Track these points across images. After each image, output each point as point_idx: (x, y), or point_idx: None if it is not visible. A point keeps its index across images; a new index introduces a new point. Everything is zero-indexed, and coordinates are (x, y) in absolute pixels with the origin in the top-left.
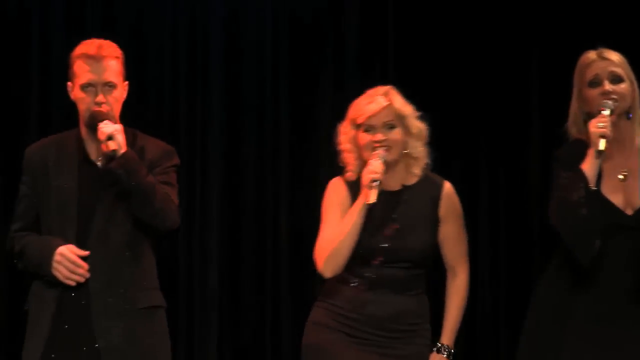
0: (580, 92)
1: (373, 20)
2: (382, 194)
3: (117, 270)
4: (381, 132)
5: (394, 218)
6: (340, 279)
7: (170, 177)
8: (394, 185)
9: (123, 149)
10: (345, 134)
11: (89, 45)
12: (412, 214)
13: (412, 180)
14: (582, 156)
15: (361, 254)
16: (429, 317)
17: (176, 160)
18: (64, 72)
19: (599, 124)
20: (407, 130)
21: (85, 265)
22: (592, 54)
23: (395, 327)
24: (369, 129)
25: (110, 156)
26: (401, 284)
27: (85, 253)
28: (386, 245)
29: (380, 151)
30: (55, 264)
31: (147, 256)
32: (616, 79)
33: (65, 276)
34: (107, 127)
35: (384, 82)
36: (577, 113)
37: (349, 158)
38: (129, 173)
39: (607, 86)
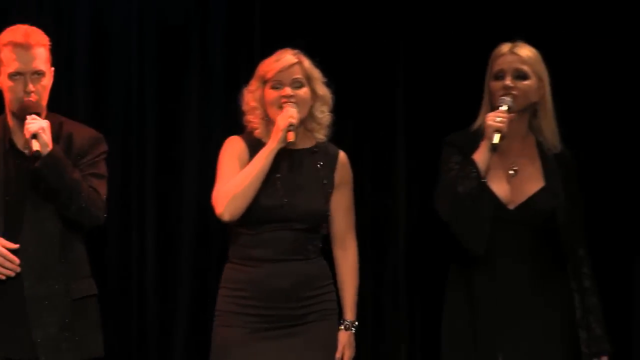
0: (488, 82)
1: (239, 27)
2: (284, 153)
3: (49, 262)
4: (290, 87)
5: (293, 178)
6: (237, 256)
7: (99, 168)
8: (295, 145)
9: (49, 148)
10: (251, 93)
11: (15, 33)
12: (309, 176)
13: (311, 144)
14: (476, 144)
15: (257, 214)
16: (332, 285)
17: (104, 148)
18: None
19: (497, 118)
20: (314, 92)
21: (15, 259)
22: (505, 47)
23: (302, 294)
24: (277, 85)
25: (35, 156)
26: (298, 248)
27: (15, 246)
28: (281, 204)
29: (290, 106)
30: None
31: (78, 246)
32: (520, 76)
33: None
34: (32, 125)
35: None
36: (486, 103)
37: (254, 117)
38: (53, 173)
39: (508, 81)
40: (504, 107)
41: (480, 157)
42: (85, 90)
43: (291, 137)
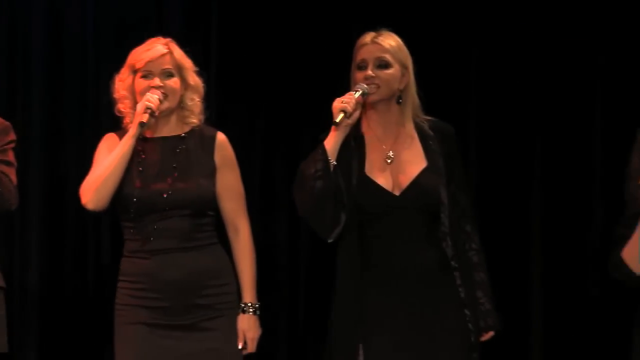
0: (352, 72)
1: (196, 28)
2: (156, 141)
3: None
4: (159, 78)
5: (170, 165)
6: (128, 249)
7: (8, 155)
8: (168, 133)
9: None
10: (121, 81)
11: None
12: (189, 161)
13: (186, 129)
14: (346, 137)
15: (134, 205)
16: (231, 271)
17: (13, 136)
18: None
19: (343, 100)
20: (184, 81)
21: None
22: (367, 37)
23: (198, 287)
24: (146, 74)
25: None
26: (187, 237)
27: None
28: (165, 192)
29: (152, 92)
30: None
31: None
32: (382, 65)
33: None
34: None
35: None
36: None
37: (124, 106)
38: None
39: (370, 71)
40: (357, 94)
41: (329, 141)
42: (40, 90)
43: (145, 118)
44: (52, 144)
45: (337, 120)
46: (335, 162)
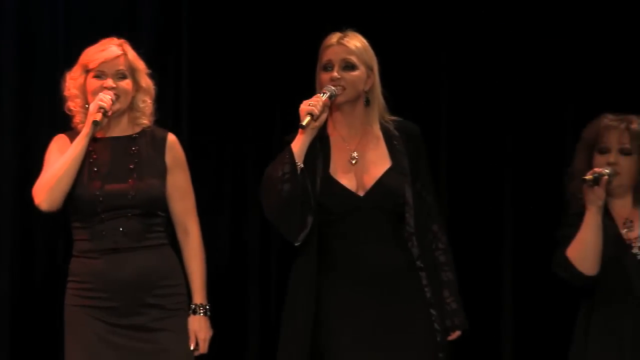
0: (317, 73)
1: (167, 32)
2: (107, 142)
3: None
4: (112, 79)
5: (126, 166)
6: (78, 249)
7: None
8: (119, 134)
9: None
10: (73, 80)
11: None
12: (141, 161)
13: (137, 130)
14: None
15: (84, 205)
16: (180, 272)
17: None
18: None
19: (310, 103)
20: (136, 83)
21: None
22: (333, 38)
23: (147, 287)
24: (99, 75)
25: None
26: (136, 237)
27: None
28: (128, 193)
29: (104, 92)
30: None
31: None
32: (348, 66)
33: None
34: None
35: (177, 83)
36: (317, 92)
37: (75, 105)
38: None
39: (336, 73)
40: (325, 95)
41: (297, 143)
42: (11, 98)
43: (98, 117)
44: (21, 145)
45: (304, 123)
46: (302, 165)
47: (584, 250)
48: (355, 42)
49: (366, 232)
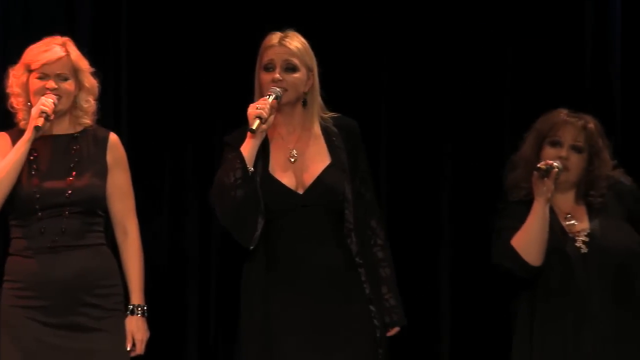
0: (258, 73)
1: (105, 29)
2: (48, 140)
3: None
4: (54, 80)
5: (67, 164)
6: (17, 248)
7: None
8: (60, 132)
9: None
10: (16, 78)
11: None
12: (82, 160)
13: (79, 129)
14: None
15: (22, 203)
16: (118, 273)
17: None
18: None
19: (257, 106)
20: (79, 83)
21: None
22: (274, 38)
23: (84, 287)
24: (42, 76)
25: None
26: (77, 234)
27: None
28: (65, 192)
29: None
30: None
31: None
32: (290, 68)
33: None
34: None
35: (117, 83)
36: (257, 93)
37: (17, 102)
38: None
39: (278, 74)
40: (270, 98)
41: (246, 147)
42: None
43: (40, 122)
44: None
45: (254, 127)
46: (253, 169)
47: (530, 240)
48: (297, 43)
49: (305, 229)
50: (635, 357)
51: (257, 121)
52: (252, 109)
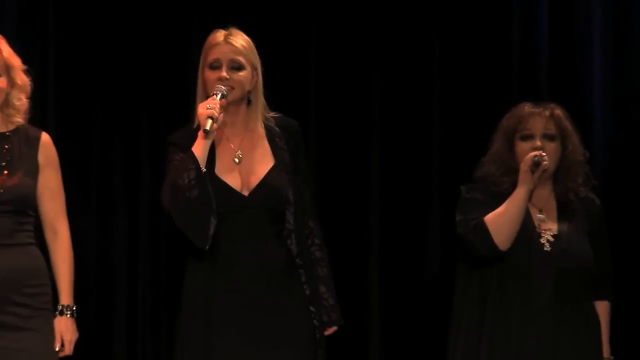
0: (202, 71)
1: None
2: None
3: None
4: None
5: None
6: None
7: None
8: None
9: None
10: None
11: None
12: (13, 159)
13: (10, 128)
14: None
15: None
16: (47, 273)
17: None
18: None
19: (208, 106)
20: (11, 81)
21: None
22: (219, 36)
23: (12, 289)
24: None
25: None
26: (6, 234)
27: None
28: None
29: None
30: None
31: None
32: (236, 66)
33: None
34: None
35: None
36: (200, 92)
37: None
38: None
39: (224, 73)
40: (218, 96)
41: (198, 148)
42: None
43: None
44: None
45: (208, 127)
46: (205, 169)
47: (504, 223)
48: (242, 41)
49: (247, 230)
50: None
51: (210, 121)
52: (202, 109)
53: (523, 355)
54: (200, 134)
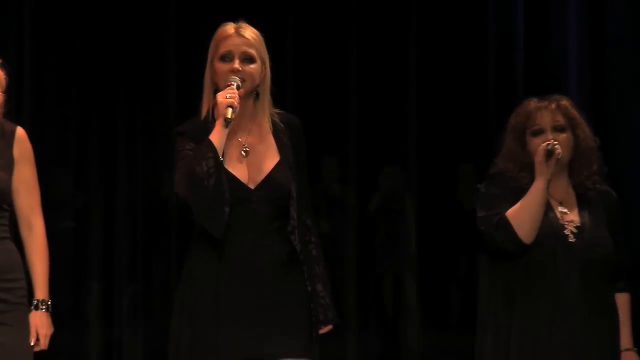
0: (212, 63)
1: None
2: None
3: None
4: None
5: None
6: None
7: None
8: None
9: None
10: None
11: None
12: None
13: None
14: (207, 131)
15: None
16: (22, 267)
17: None
18: None
19: (227, 95)
20: None
21: None
22: (230, 28)
23: None
24: None
25: None
26: None
27: None
28: None
29: None
30: None
31: None
32: (248, 59)
33: None
34: None
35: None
36: (208, 84)
37: None
38: None
39: (237, 64)
40: (234, 85)
41: (216, 137)
42: None
43: None
44: None
45: (229, 116)
46: (222, 158)
47: (526, 216)
48: (253, 34)
49: (253, 224)
50: (598, 352)
51: (230, 110)
52: (222, 99)
53: (554, 348)
54: (219, 122)
